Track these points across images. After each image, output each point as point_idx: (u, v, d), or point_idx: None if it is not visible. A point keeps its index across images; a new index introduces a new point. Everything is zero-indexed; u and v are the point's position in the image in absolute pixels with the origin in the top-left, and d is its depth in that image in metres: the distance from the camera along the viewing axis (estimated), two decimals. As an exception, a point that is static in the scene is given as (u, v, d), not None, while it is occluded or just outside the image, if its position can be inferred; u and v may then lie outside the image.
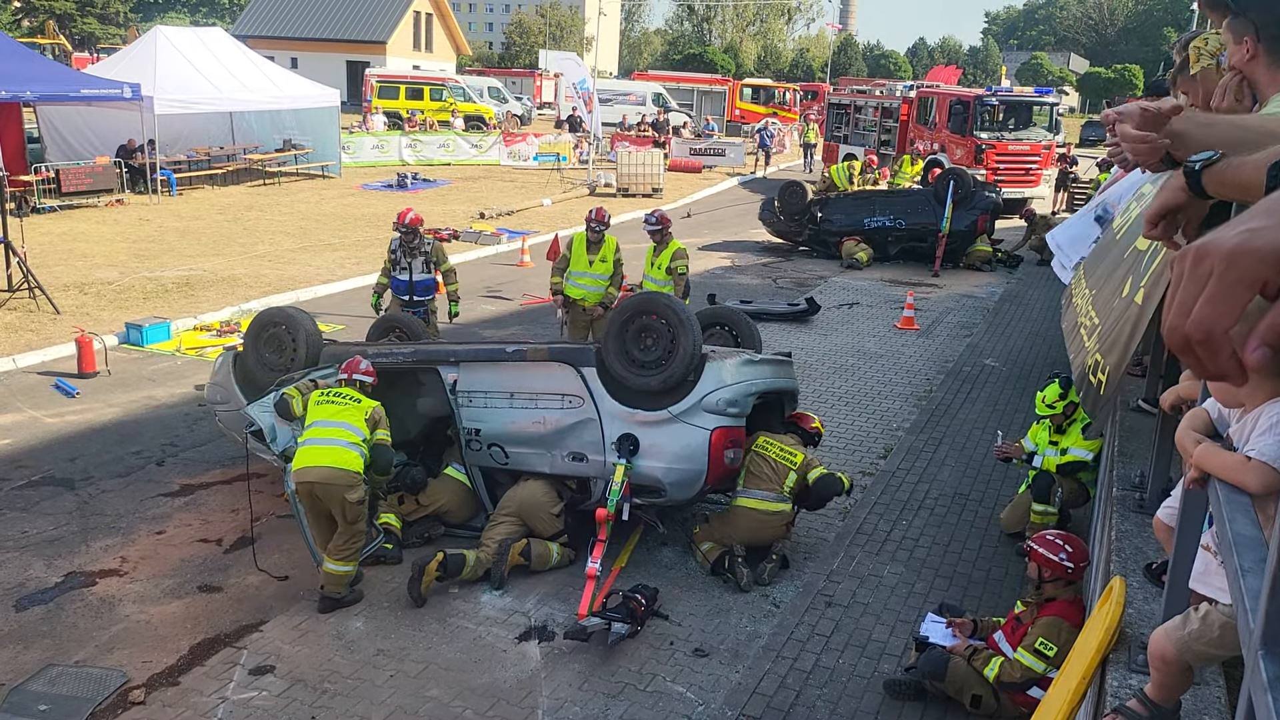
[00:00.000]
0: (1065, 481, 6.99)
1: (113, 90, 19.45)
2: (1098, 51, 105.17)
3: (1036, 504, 6.98)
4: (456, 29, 63.40)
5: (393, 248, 9.68)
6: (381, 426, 6.34)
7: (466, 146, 31.48)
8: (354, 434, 6.20)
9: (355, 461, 6.14)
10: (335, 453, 6.12)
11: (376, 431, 6.29)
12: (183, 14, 75.18)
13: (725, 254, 18.57)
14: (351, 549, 6.16)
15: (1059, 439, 7.09)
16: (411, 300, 9.66)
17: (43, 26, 57.69)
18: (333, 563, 6.10)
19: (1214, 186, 1.96)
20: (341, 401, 6.38)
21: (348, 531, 6.13)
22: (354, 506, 6.08)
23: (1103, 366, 4.13)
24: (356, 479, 6.11)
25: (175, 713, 5.09)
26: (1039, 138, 23.86)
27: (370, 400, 6.42)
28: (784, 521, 6.79)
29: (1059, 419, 7.04)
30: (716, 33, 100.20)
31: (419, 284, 9.68)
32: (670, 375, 6.40)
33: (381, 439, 6.32)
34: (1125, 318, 4.00)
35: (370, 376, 6.59)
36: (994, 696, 5.03)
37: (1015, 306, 15.22)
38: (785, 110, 46.95)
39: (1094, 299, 5.25)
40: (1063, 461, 6.99)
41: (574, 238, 10.33)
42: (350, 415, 6.31)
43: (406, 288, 9.64)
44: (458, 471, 7.12)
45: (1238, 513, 1.89)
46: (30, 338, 11.15)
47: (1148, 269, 3.98)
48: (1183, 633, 2.41)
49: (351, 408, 6.34)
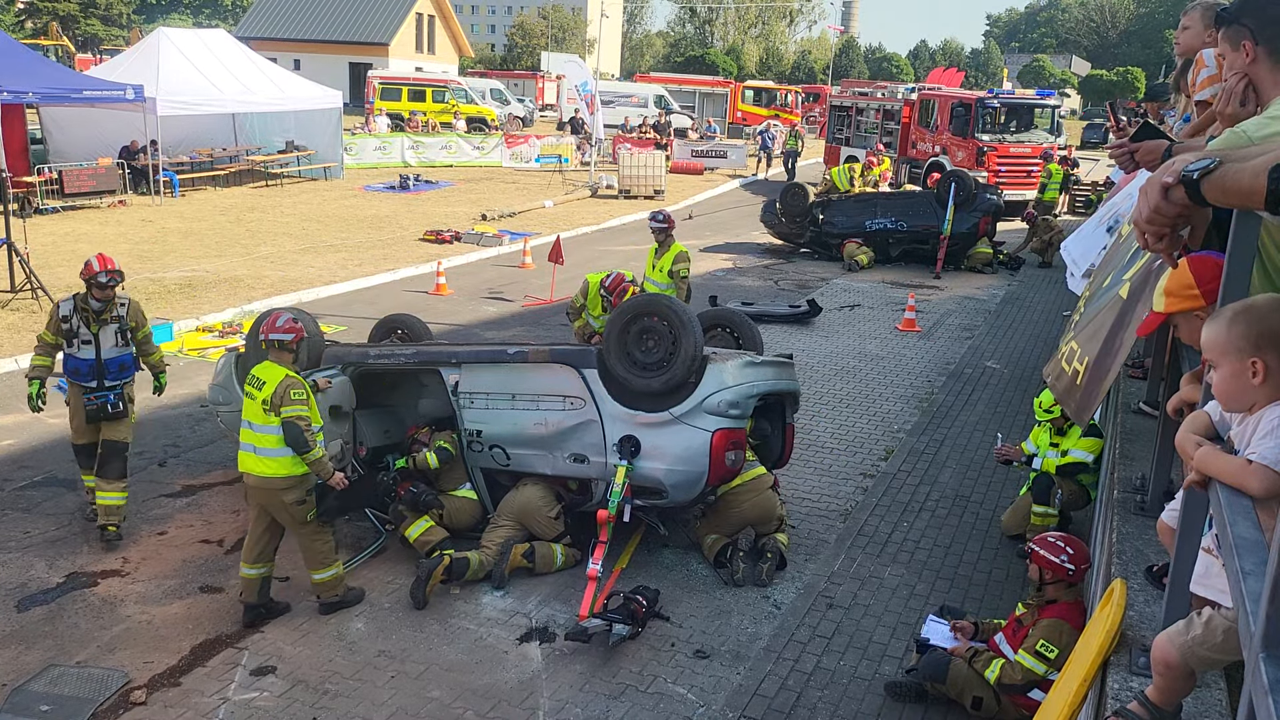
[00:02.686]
0: (1065, 484, 6.99)
1: (115, 92, 19.49)
2: (1099, 54, 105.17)
3: (1036, 506, 6.99)
4: (459, 31, 63.48)
5: (64, 314, 6.78)
6: (289, 402, 5.70)
7: (469, 148, 31.52)
8: (257, 434, 5.81)
9: (270, 465, 5.79)
10: (249, 460, 5.86)
11: (282, 410, 5.70)
12: (185, 16, 75.29)
13: (727, 256, 18.58)
14: (321, 551, 5.97)
15: (1060, 440, 7.10)
16: (100, 386, 6.81)
17: (46, 28, 57.81)
18: (314, 573, 6.00)
19: (1214, 194, 1.96)
20: (249, 390, 5.91)
21: (305, 535, 5.93)
22: (295, 508, 5.82)
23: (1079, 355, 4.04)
24: (283, 482, 5.78)
25: (177, 713, 5.09)
26: (1040, 140, 23.87)
27: (279, 370, 5.84)
28: (769, 484, 6.92)
29: (1059, 422, 7.06)
30: (718, 35, 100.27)
31: (112, 363, 6.84)
32: (672, 377, 6.41)
33: (290, 415, 5.69)
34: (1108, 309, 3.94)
35: (288, 334, 5.96)
36: (995, 699, 5.03)
37: (1017, 309, 15.21)
38: (787, 112, 46.98)
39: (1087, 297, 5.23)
40: (1062, 463, 7.00)
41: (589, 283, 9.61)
42: (252, 411, 5.83)
43: (92, 370, 6.78)
44: (470, 491, 7.09)
45: (1239, 516, 1.89)
46: (33, 338, 11.13)
47: (1132, 263, 3.94)
48: (1185, 638, 2.40)
49: (254, 398, 5.83)
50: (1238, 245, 2.35)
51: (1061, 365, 4.34)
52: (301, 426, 5.70)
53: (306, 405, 5.79)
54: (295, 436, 5.69)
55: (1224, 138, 2.47)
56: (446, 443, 6.93)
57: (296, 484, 5.82)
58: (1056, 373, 4.42)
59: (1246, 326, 2.04)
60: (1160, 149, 3.37)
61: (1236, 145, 2.26)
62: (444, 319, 12.74)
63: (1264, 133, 2.31)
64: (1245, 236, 2.35)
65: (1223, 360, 2.10)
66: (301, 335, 6.11)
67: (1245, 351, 2.04)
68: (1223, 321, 2.10)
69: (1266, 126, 2.34)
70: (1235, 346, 2.05)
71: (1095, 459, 6.96)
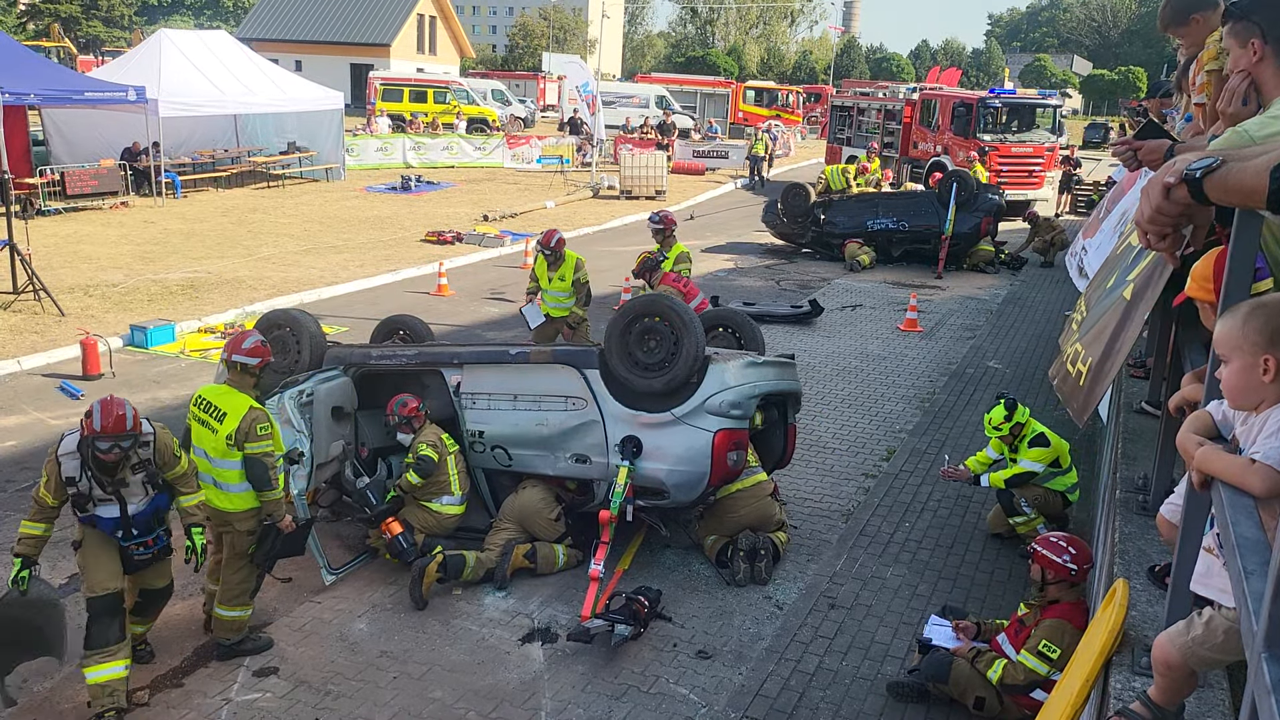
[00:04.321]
0: (1027, 490, 7.08)
1: (117, 93, 19.52)
2: (1101, 53, 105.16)
3: (1009, 517, 7.12)
4: (460, 32, 63.50)
5: (68, 474, 4.99)
6: (254, 438, 5.32)
7: (470, 149, 31.53)
8: (217, 469, 5.45)
9: (233, 501, 5.48)
10: (211, 492, 5.48)
11: (246, 447, 5.33)
12: (187, 17, 75.43)
13: (728, 256, 18.58)
14: (240, 590, 5.55)
15: (1014, 455, 7.20)
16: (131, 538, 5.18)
17: (48, 29, 57.90)
18: (221, 607, 5.57)
19: (1216, 193, 1.96)
20: (205, 418, 5.43)
21: (233, 567, 5.55)
22: (242, 537, 5.53)
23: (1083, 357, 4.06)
24: (243, 515, 5.50)
25: (179, 714, 5.10)
26: (1042, 140, 23.86)
27: (242, 401, 5.42)
28: (769, 491, 6.92)
29: (1008, 439, 7.19)
30: (719, 35, 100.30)
31: (143, 515, 5.20)
32: (673, 377, 6.41)
33: (255, 452, 5.32)
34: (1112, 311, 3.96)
35: (253, 357, 5.55)
36: (997, 699, 5.02)
37: (1018, 309, 15.20)
38: (788, 113, 46.99)
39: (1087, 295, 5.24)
40: (1009, 474, 7.07)
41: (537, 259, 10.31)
42: (210, 444, 5.42)
43: (118, 525, 5.13)
44: (446, 506, 6.82)
45: (1241, 515, 1.89)
46: (35, 340, 11.17)
47: (1136, 264, 3.94)
48: (1186, 638, 2.40)
49: (210, 430, 5.39)
50: (1239, 244, 2.36)
51: (1066, 367, 4.35)
52: (268, 465, 5.40)
53: (272, 440, 5.48)
54: (259, 475, 5.40)
55: (1226, 137, 2.47)
56: (429, 449, 6.64)
57: (254, 515, 5.54)
58: (1061, 375, 4.43)
59: (1261, 323, 2.05)
60: (1163, 148, 3.37)
61: (1238, 145, 2.26)
62: (445, 320, 12.75)
63: (1266, 132, 2.31)
64: (1247, 236, 2.36)
65: (1234, 356, 2.10)
66: (267, 360, 5.70)
67: (1259, 348, 2.05)
68: (1237, 317, 2.10)
69: (1268, 126, 2.34)
70: (1249, 342, 2.06)
71: (1052, 465, 7.05)
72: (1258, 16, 2.58)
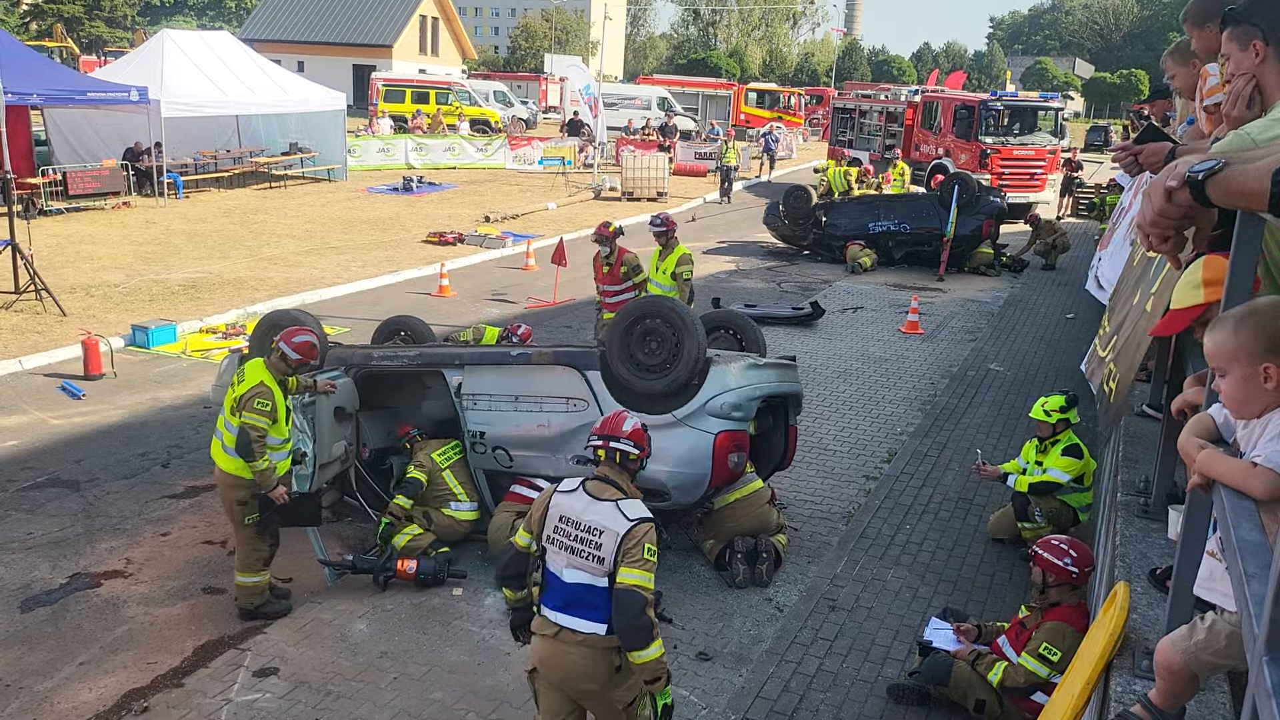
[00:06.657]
0: (1043, 501, 7.02)
1: (119, 93, 19.54)
2: (1103, 56, 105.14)
3: (1019, 522, 7.09)
4: (462, 33, 63.57)
5: None
6: (251, 410, 5.65)
7: (472, 150, 31.56)
8: (226, 429, 5.81)
9: (227, 463, 5.78)
10: (216, 449, 5.89)
11: (243, 414, 5.67)
12: (189, 17, 75.53)
13: (730, 258, 18.58)
14: (252, 558, 5.90)
15: (1042, 458, 7.14)
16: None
17: (50, 30, 57.97)
18: (239, 574, 5.96)
19: (1218, 195, 1.95)
20: (234, 380, 5.89)
21: (242, 538, 5.90)
22: (237, 508, 5.80)
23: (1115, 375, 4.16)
24: (234, 480, 5.78)
25: (179, 714, 5.10)
26: (1044, 142, 23.86)
27: (262, 375, 5.77)
28: (766, 499, 6.90)
29: (1045, 431, 7.10)
30: (721, 37, 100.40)
31: None
32: (674, 379, 6.41)
33: (248, 422, 5.64)
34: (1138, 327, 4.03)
35: (296, 354, 5.88)
36: (998, 702, 5.02)
37: (1020, 311, 15.20)
38: (790, 115, 46.99)
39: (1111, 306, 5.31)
40: (1035, 481, 7.03)
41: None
42: (227, 401, 5.85)
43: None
44: (458, 511, 6.90)
45: (1243, 519, 1.88)
46: (37, 339, 11.18)
47: (1155, 277, 3.97)
48: (1189, 643, 2.40)
49: (231, 390, 5.82)
50: (1241, 247, 2.35)
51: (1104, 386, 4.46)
52: (253, 436, 5.63)
53: (267, 419, 5.68)
54: (244, 443, 5.64)
55: (1228, 140, 2.46)
56: (416, 470, 6.74)
57: (245, 485, 5.77)
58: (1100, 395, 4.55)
59: (1255, 331, 2.01)
60: (1164, 151, 3.37)
61: (1241, 148, 2.26)
62: (447, 320, 12.74)
63: (1268, 135, 2.30)
64: (1249, 239, 2.35)
65: (1232, 367, 2.06)
66: (307, 361, 5.97)
67: (1256, 356, 2.00)
68: (1228, 327, 2.07)
69: (1271, 129, 2.34)
70: (1245, 352, 2.02)
71: (1076, 479, 6.99)
72: (1258, 18, 2.58)
